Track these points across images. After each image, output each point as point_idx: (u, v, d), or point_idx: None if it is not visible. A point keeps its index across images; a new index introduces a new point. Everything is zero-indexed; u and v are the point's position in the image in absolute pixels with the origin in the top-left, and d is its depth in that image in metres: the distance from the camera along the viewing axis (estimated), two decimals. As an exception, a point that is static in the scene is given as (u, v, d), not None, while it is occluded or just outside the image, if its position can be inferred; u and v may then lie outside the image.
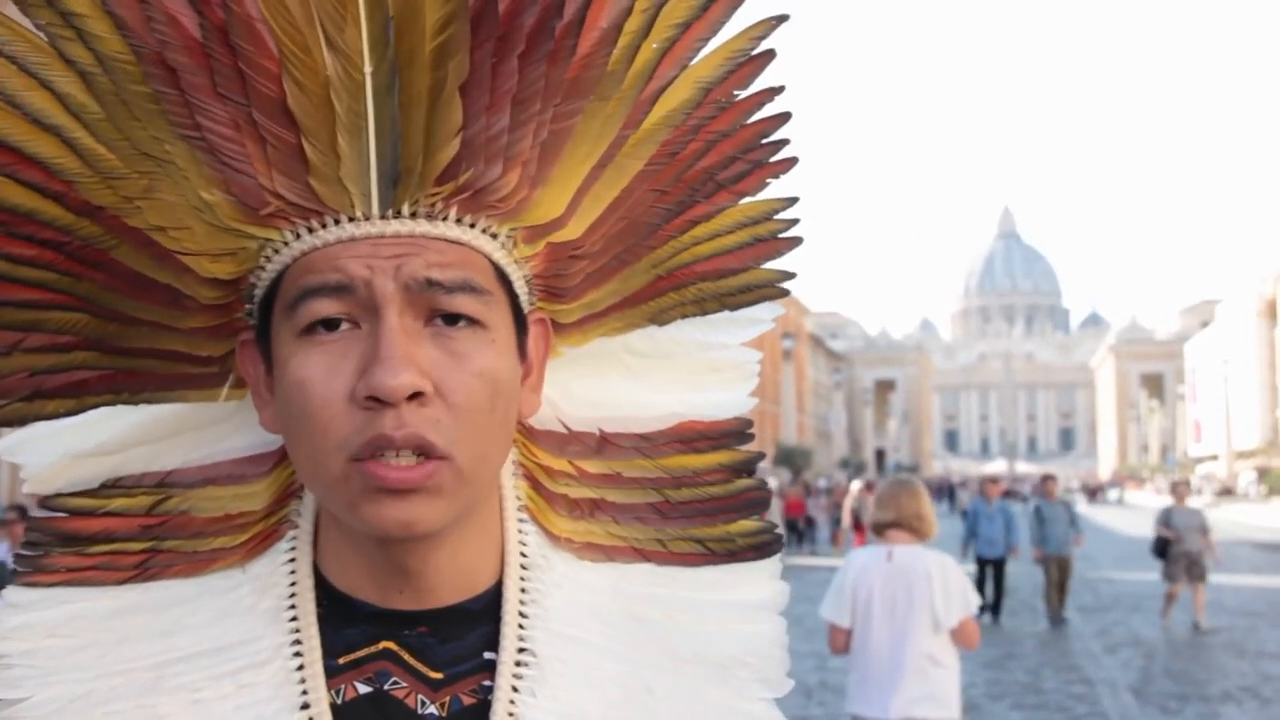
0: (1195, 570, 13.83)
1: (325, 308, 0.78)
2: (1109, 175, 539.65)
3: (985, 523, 14.61)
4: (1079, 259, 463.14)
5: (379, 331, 0.77)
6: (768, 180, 0.92)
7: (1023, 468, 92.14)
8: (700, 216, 0.91)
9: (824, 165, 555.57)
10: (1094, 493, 68.05)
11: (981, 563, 14.88)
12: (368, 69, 0.75)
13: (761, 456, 1.01)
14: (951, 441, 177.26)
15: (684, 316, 0.95)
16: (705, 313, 0.96)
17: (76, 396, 0.88)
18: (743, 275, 0.95)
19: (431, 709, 0.84)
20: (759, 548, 0.98)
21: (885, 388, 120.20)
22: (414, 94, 0.76)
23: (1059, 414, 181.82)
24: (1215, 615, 14.56)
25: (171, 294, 0.84)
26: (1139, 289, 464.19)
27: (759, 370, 1.02)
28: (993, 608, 14.27)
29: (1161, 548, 14.15)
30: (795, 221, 0.95)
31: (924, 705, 4.51)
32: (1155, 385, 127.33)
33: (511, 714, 0.85)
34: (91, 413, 0.89)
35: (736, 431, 0.99)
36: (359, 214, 0.78)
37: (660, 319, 0.95)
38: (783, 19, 0.87)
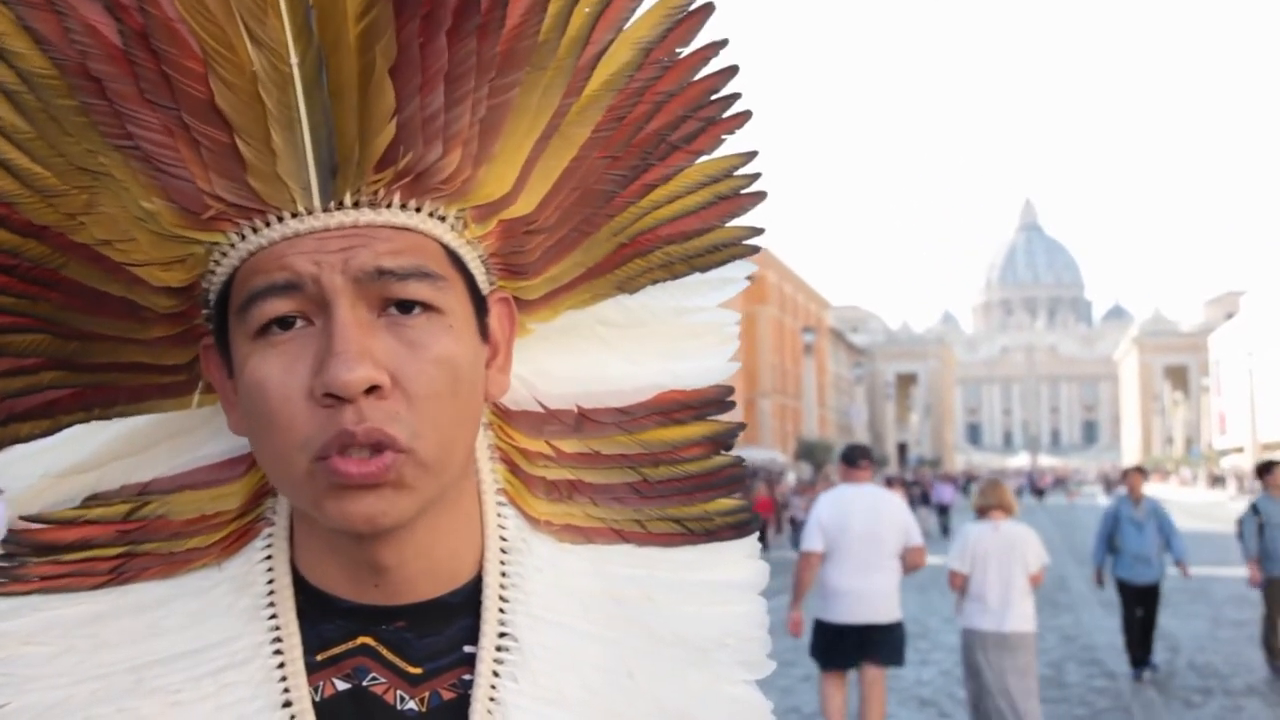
0: None
1: (276, 307, 0.77)
2: (1131, 165, 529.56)
3: (1130, 532, 10.07)
4: (1102, 250, 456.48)
5: (331, 327, 0.75)
6: (723, 137, 0.91)
7: (1046, 461, 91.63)
8: (657, 180, 0.90)
9: (844, 158, 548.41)
10: (1111, 485, 68.11)
11: (1126, 591, 10.22)
12: (294, 60, 0.74)
13: (742, 427, 1.00)
14: (974, 435, 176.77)
15: (654, 282, 0.95)
16: (675, 276, 0.95)
17: (50, 416, 0.87)
18: (709, 235, 0.94)
19: (411, 704, 0.83)
20: (737, 526, 0.97)
21: (907, 381, 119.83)
22: (343, 81, 0.75)
23: (1082, 407, 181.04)
24: (1240, 608, 14.46)
25: (128, 306, 0.83)
26: (1162, 280, 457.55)
27: (738, 331, 1.01)
28: (1140, 659, 10.33)
29: None
30: (757, 176, 0.94)
31: (1024, 621, 7.12)
32: (1179, 377, 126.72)
33: (493, 699, 0.84)
34: (67, 432, 0.88)
35: (717, 400, 0.98)
36: (301, 209, 0.77)
37: (628, 286, 0.94)
38: None
